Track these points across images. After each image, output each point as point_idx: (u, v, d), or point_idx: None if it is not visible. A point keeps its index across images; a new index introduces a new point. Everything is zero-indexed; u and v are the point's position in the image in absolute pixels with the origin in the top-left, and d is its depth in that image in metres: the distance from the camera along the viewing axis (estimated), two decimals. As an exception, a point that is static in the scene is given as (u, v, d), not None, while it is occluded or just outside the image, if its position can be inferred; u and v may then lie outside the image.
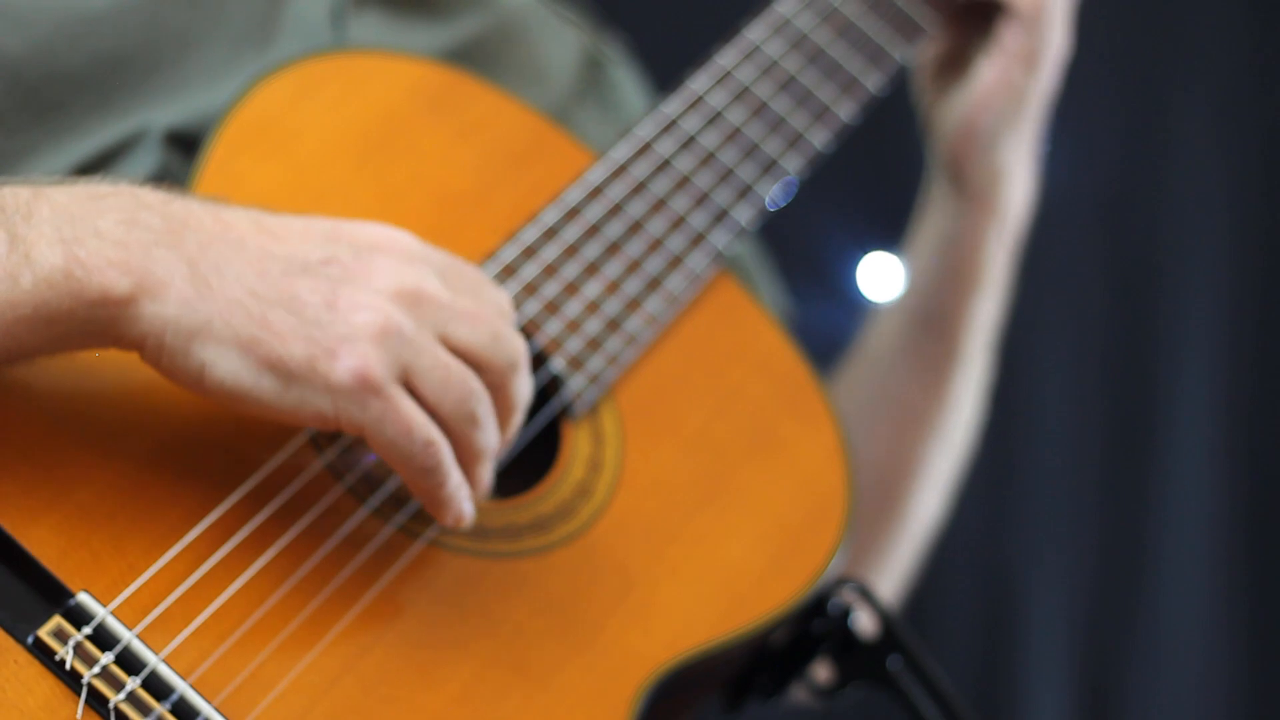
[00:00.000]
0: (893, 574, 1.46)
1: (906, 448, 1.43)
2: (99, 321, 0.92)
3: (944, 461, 1.45)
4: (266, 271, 0.94)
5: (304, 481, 1.01)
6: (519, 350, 1.00)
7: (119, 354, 0.95)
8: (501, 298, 1.02)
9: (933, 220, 1.43)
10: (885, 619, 1.14)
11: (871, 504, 1.41)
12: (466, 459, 0.99)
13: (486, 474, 1.00)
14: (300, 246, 0.96)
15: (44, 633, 0.90)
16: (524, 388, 1.01)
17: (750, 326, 1.22)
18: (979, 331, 1.44)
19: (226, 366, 0.93)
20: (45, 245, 0.91)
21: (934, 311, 1.43)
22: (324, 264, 0.96)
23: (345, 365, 0.94)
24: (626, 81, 1.44)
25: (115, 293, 0.91)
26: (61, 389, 0.97)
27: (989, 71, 1.34)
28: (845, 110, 1.28)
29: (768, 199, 1.24)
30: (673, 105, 1.24)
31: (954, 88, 1.38)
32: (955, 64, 1.38)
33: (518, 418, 1.01)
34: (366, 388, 0.94)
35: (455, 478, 0.98)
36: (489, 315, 0.99)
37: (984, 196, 1.39)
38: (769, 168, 1.24)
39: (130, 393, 0.98)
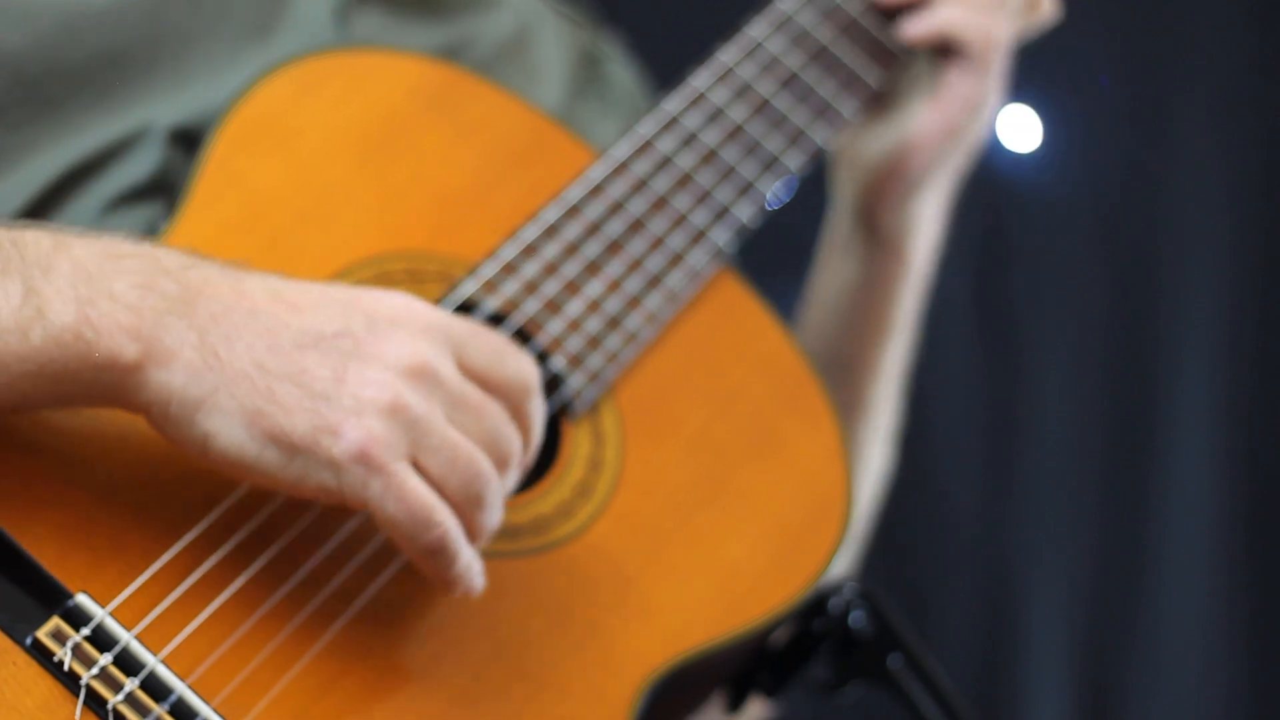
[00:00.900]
0: None
1: None
2: (104, 385, 0.92)
3: None
4: (277, 344, 0.94)
5: (304, 482, 1.01)
6: (514, 449, 0.98)
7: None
8: (523, 367, 1.00)
9: (836, 264, 1.38)
10: (885, 618, 1.14)
11: None
12: (467, 537, 0.97)
13: (479, 548, 0.99)
14: (314, 318, 0.95)
15: (42, 634, 0.90)
16: (510, 483, 0.99)
17: (751, 325, 1.22)
18: (887, 378, 1.39)
19: (230, 438, 0.92)
20: (60, 302, 0.91)
21: (839, 358, 1.38)
22: (336, 337, 0.95)
23: (349, 440, 0.93)
24: (625, 78, 1.44)
25: (123, 358, 0.91)
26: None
27: (932, 113, 1.30)
28: (847, 107, 1.28)
29: (768, 196, 1.24)
30: (673, 103, 1.23)
31: (881, 125, 1.33)
32: (881, 100, 1.33)
33: (512, 484, 1.00)
34: (369, 464, 0.93)
35: (464, 557, 0.97)
36: (493, 410, 0.97)
37: (894, 244, 1.34)
38: (770, 165, 1.24)
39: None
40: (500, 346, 1.00)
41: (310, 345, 0.94)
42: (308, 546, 0.99)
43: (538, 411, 1.00)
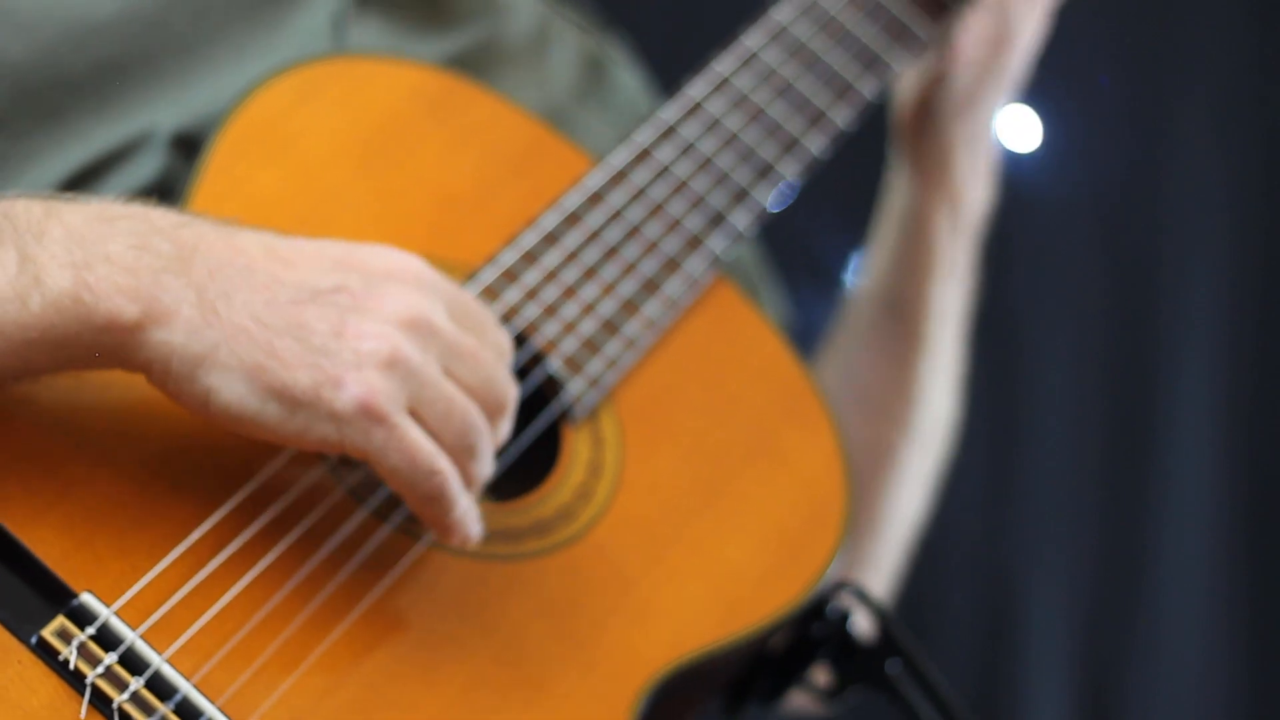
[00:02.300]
0: (877, 573, 1.45)
1: (877, 441, 1.42)
2: (106, 346, 0.92)
3: (916, 455, 1.43)
4: (275, 299, 0.94)
5: (306, 484, 1.01)
6: (509, 396, 1.00)
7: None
8: (502, 338, 1.02)
9: (891, 202, 1.43)
10: (884, 622, 1.14)
11: None
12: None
13: (473, 499, 1.00)
14: (310, 274, 0.96)
15: (47, 633, 0.90)
16: (504, 431, 1.01)
17: (749, 332, 1.22)
18: (943, 319, 1.42)
19: (232, 393, 0.93)
20: (56, 268, 0.91)
21: (895, 296, 1.42)
22: (333, 292, 0.96)
23: (351, 393, 0.94)
24: (630, 83, 1.44)
25: (123, 319, 0.92)
26: (66, 388, 0.97)
27: (949, 47, 1.34)
28: (842, 116, 1.28)
29: (765, 204, 1.24)
30: (671, 111, 1.24)
31: (916, 68, 1.38)
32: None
33: (506, 432, 1.02)
34: (371, 416, 0.94)
35: (462, 503, 0.98)
36: (488, 358, 0.99)
37: (935, 174, 1.39)
38: (766, 173, 1.25)
39: (135, 393, 0.98)
40: (481, 314, 1.01)
41: (308, 300, 0.95)
42: (312, 547, 0.99)
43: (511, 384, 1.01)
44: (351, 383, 0.94)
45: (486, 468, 1.00)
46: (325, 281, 0.96)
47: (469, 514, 0.99)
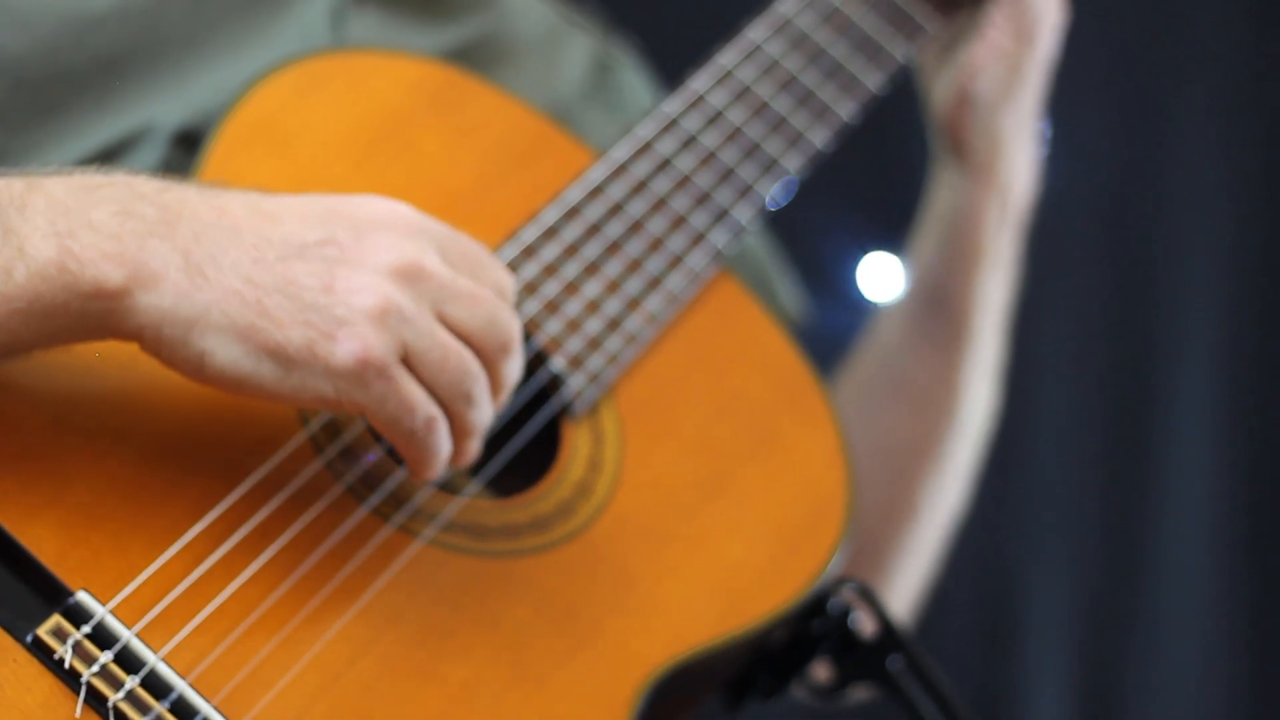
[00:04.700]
0: (917, 564, 1.45)
1: (921, 433, 1.42)
2: (94, 314, 0.92)
3: (960, 446, 1.44)
4: (262, 257, 0.94)
5: (304, 480, 1.01)
6: (513, 334, 1.00)
7: (118, 351, 0.95)
8: (501, 275, 1.01)
9: (936, 198, 1.42)
10: (885, 619, 1.14)
11: (889, 493, 1.40)
12: (458, 434, 0.99)
13: (475, 447, 1.01)
14: (297, 228, 0.96)
15: (43, 631, 0.90)
16: (514, 370, 1.01)
17: (751, 327, 1.22)
18: (988, 311, 1.42)
19: (225, 354, 0.93)
20: (39, 238, 0.91)
21: (941, 291, 1.41)
22: (320, 245, 0.95)
23: (345, 348, 0.94)
24: (636, 84, 1.45)
25: (109, 285, 0.91)
26: (61, 386, 0.97)
27: (979, 40, 1.34)
28: (846, 109, 1.28)
29: (768, 198, 1.24)
30: (673, 104, 1.24)
31: (946, 63, 1.38)
32: (952, 43, 1.38)
33: (504, 398, 1.02)
34: (367, 369, 0.94)
35: (447, 449, 0.99)
36: (486, 296, 0.99)
37: (984, 166, 1.38)
38: (769, 167, 1.24)
39: (130, 390, 0.98)
40: (479, 255, 1.01)
41: (295, 256, 0.95)
42: (309, 544, 0.99)
43: (514, 321, 1.01)
44: (345, 337, 0.94)
45: (484, 413, 0.99)
46: (312, 235, 0.96)
47: (448, 458, 0.99)
